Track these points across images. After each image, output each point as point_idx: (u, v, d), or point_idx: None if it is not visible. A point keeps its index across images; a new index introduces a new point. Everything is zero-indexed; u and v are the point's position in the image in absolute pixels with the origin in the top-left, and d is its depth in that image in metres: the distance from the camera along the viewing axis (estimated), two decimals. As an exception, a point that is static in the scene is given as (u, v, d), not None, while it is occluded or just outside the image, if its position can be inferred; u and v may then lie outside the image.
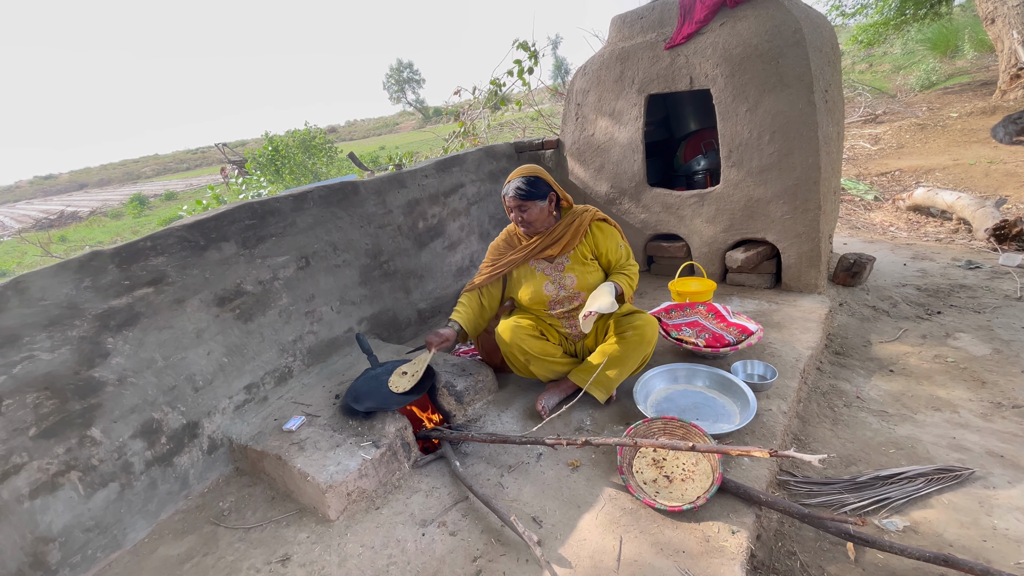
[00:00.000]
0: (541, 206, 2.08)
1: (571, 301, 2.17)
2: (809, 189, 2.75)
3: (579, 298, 2.16)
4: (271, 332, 2.26)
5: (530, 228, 2.13)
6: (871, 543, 1.49)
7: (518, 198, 2.05)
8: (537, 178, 2.08)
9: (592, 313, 1.94)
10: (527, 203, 2.06)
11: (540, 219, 2.10)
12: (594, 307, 1.95)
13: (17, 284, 1.59)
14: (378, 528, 1.73)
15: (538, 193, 2.06)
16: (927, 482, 1.77)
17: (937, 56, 13.31)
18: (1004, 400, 2.18)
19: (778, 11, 2.63)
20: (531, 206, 2.06)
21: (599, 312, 1.94)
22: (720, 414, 2.04)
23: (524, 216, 2.08)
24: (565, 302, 2.18)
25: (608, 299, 1.97)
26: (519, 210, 2.08)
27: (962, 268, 3.54)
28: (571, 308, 2.19)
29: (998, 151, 6.80)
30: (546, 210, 2.10)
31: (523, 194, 2.05)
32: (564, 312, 2.21)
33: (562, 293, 2.16)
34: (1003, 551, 1.53)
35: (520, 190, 2.05)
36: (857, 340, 2.75)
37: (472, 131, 6.81)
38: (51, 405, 1.65)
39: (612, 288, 2.05)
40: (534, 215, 2.08)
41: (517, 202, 2.06)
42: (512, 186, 2.07)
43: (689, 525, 1.58)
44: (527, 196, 2.05)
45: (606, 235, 2.19)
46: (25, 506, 1.61)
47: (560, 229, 2.15)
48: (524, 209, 2.07)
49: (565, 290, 2.16)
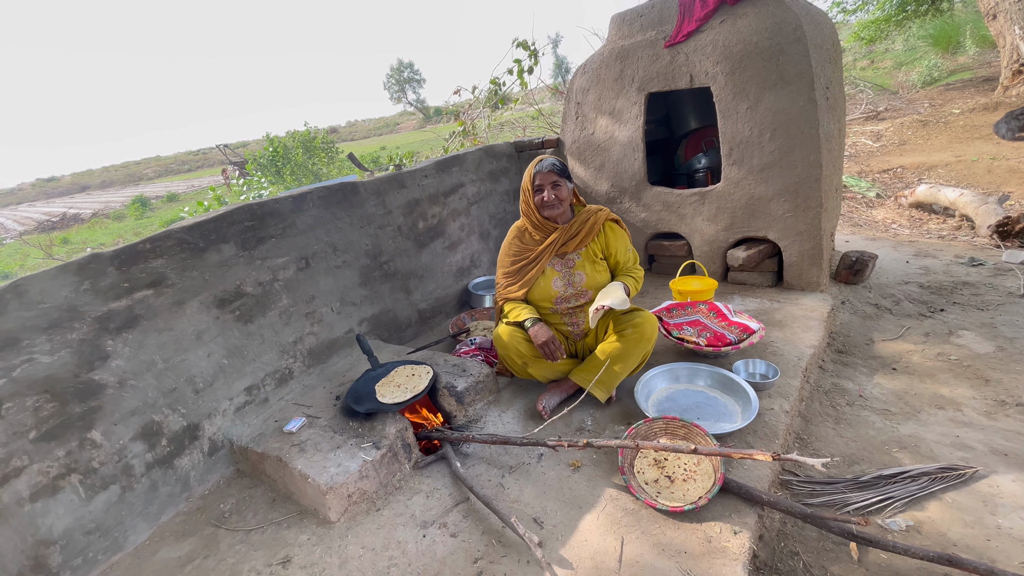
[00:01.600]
0: (570, 188, 2.11)
1: (578, 298, 2.17)
2: (810, 187, 2.74)
3: (586, 296, 2.16)
4: (271, 333, 2.26)
5: (556, 209, 2.09)
6: (874, 543, 1.49)
7: (554, 172, 2.04)
8: (564, 162, 2.12)
9: (603, 308, 1.97)
10: (562, 180, 2.06)
11: (567, 201, 2.11)
12: (606, 302, 1.98)
13: (16, 287, 1.59)
14: (379, 530, 1.72)
15: (567, 174, 2.09)
16: (931, 481, 1.76)
17: (939, 52, 13.23)
18: (1008, 398, 2.17)
19: (778, 8, 2.62)
20: (564, 184, 2.07)
21: (612, 307, 1.97)
22: (722, 413, 2.03)
23: (557, 193, 2.05)
24: (572, 299, 2.18)
25: (620, 296, 2.00)
26: (553, 187, 2.05)
27: (965, 265, 3.52)
28: (576, 305, 2.18)
29: (1001, 147, 6.76)
30: (572, 195, 2.13)
31: (559, 168, 2.05)
32: (569, 309, 2.20)
33: (570, 290, 2.16)
34: (1008, 550, 1.52)
35: (555, 165, 2.06)
36: (859, 338, 2.74)
37: (472, 131, 6.80)
38: (51, 408, 1.65)
39: (623, 287, 2.07)
40: (564, 194, 2.08)
41: (553, 177, 2.04)
42: (547, 162, 2.06)
43: (691, 526, 1.57)
44: (562, 172, 2.06)
45: (617, 236, 2.20)
46: (26, 509, 1.61)
47: (577, 224, 2.15)
48: (558, 185, 2.05)
49: (574, 287, 2.15)
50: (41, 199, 34.42)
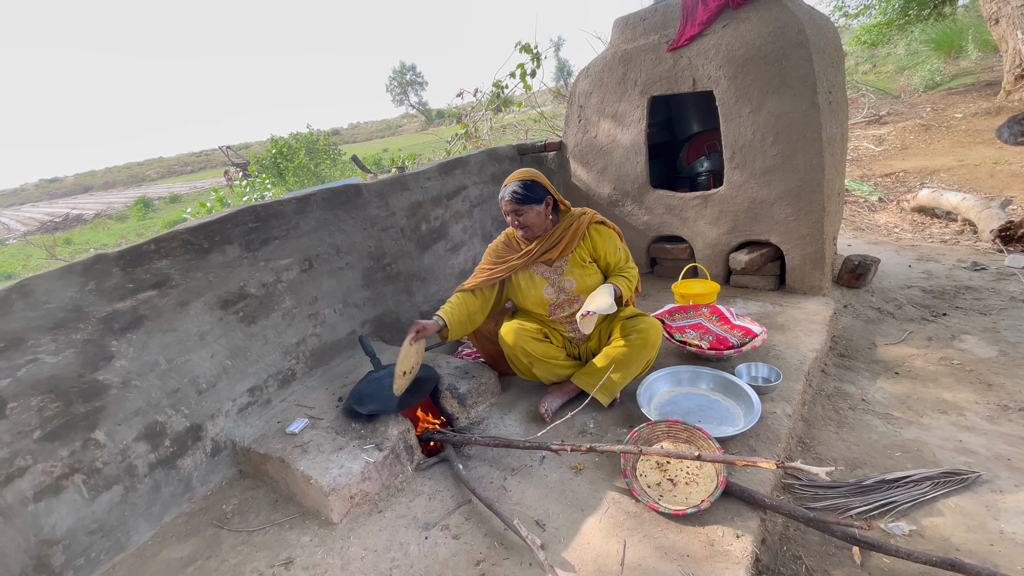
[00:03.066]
0: (538, 210, 2.08)
1: (571, 304, 2.17)
2: (813, 191, 2.74)
3: (579, 301, 2.16)
4: (274, 335, 2.27)
5: (527, 232, 2.13)
6: (877, 547, 1.48)
7: (514, 202, 2.06)
8: (533, 182, 2.08)
9: (591, 313, 1.93)
10: (523, 207, 2.06)
11: (537, 223, 2.10)
12: (592, 307, 1.95)
13: (22, 287, 1.59)
14: (381, 531, 1.72)
15: (534, 197, 2.07)
16: (933, 486, 1.76)
17: (941, 57, 13.24)
18: (1011, 403, 2.17)
19: (781, 12, 2.63)
20: (527, 210, 2.07)
21: (597, 312, 1.93)
22: (724, 417, 2.03)
23: (520, 220, 2.09)
24: (565, 306, 2.18)
25: (607, 300, 1.96)
26: (515, 214, 2.08)
27: (967, 269, 3.52)
28: (572, 312, 2.19)
29: (1003, 152, 6.76)
30: (543, 214, 2.10)
31: (519, 198, 2.05)
32: (565, 316, 2.20)
33: (562, 296, 2.16)
34: (1011, 555, 1.51)
35: (516, 194, 2.05)
36: (862, 342, 2.74)
37: (475, 133, 6.81)
38: (55, 408, 1.66)
39: (611, 289, 2.04)
40: (531, 219, 2.08)
41: (513, 206, 2.07)
42: (508, 190, 2.07)
43: (693, 529, 1.57)
44: (523, 200, 2.05)
45: (604, 237, 2.18)
46: (29, 509, 1.61)
47: (559, 232, 2.15)
48: (520, 213, 2.07)
49: (565, 293, 2.15)
50: (44, 200, 34.54)
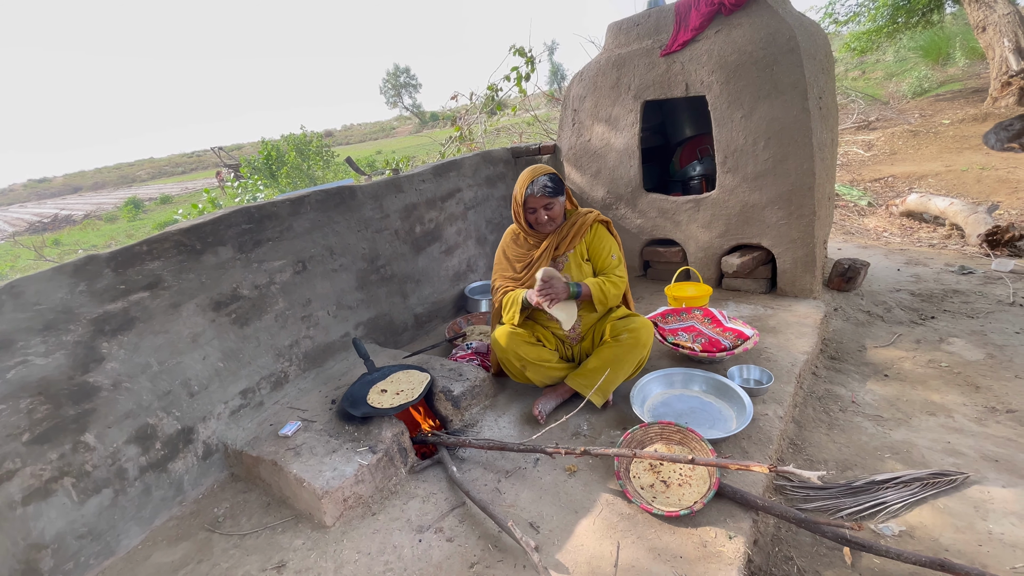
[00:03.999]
0: (562, 201, 2.14)
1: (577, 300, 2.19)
2: (804, 195, 2.77)
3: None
4: (267, 337, 2.26)
5: (552, 224, 2.15)
6: (867, 548, 1.50)
7: (547, 195, 2.07)
8: (556, 175, 2.13)
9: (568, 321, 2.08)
10: (555, 200, 2.10)
11: (561, 215, 2.16)
12: (556, 314, 2.05)
13: (12, 288, 1.58)
14: (375, 534, 1.72)
15: (560, 190, 2.12)
16: (922, 487, 1.78)
17: (929, 63, 13.44)
18: (998, 405, 2.20)
19: (772, 19, 2.66)
20: (556, 202, 2.11)
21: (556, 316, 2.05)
22: (716, 419, 2.04)
23: (550, 213, 2.11)
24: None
25: (570, 313, 2.06)
26: (547, 208, 2.10)
27: (955, 273, 3.57)
28: None
29: (990, 157, 6.86)
30: (564, 206, 2.17)
31: (551, 190, 2.07)
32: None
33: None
34: (999, 556, 1.53)
35: (548, 187, 2.07)
36: (852, 345, 2.77)
37: (469, 136, 6.82)
38: (45, 410, 1.64)
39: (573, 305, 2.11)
40: (557, 211, 2.12)
41: (547, 200, 2.08)
42: (540, 184, 2.08)
43: (686, 530, 1.58)
44: (555, 192, 2.09)
45: (600, 238, 2.22)
46: (18, 512, 1.59)
47: (566, 228, 2.19)
48: (551, 206, 2.10)
49: None
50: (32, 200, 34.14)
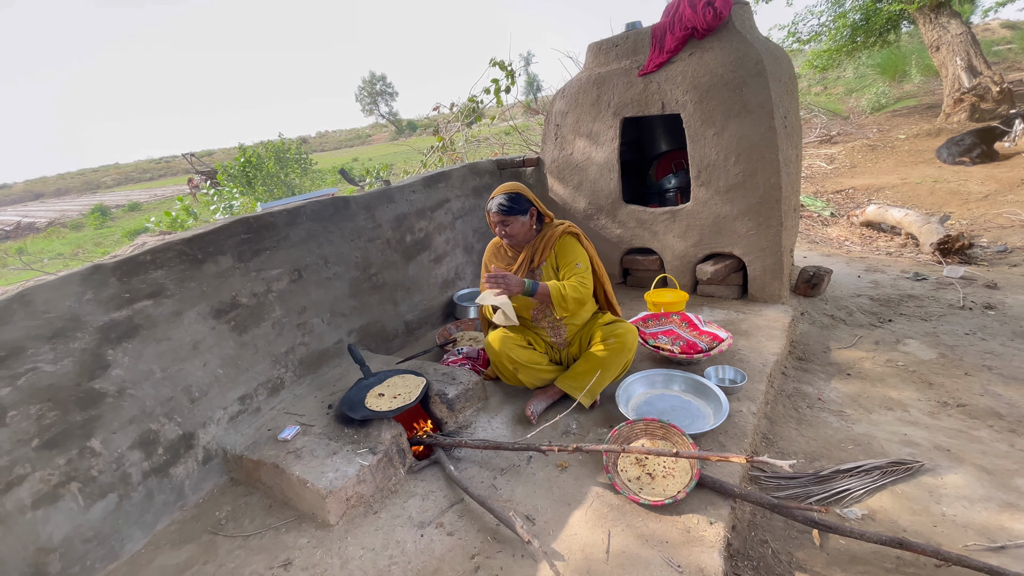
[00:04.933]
0: (523, 220, 2.23)
1: (551, 311, 2.31)
2: (772, 207, 2.97)
3: None
4: (264, 344, 2.32)
5: (512, 240, 2.28)
6: (834, 529, 1.65)
7: (500, 213, 2.21)
8: (518, 194, 2.23)
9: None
10: (509, 218, 2.21)
11: (521, 232, 2.25)
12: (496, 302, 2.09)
13: (22, 296, 1.62)
14: (377, 531, 1.80)
15: (519, 208, 2.21)
16: (882, 475, 1.95)
17: (887, 80, 14.18)
18: (949, 400, 2.40)
19: (741, 44, 2.86)
20: (513, 221, 2.21)
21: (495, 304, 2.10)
22: (696, 416, 2.19)
23: (507, 230, 2.24)
24: (547, 311, 2.32)
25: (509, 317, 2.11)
26: (502, 224, 2.23)
27: (910, 280, 3.83)
28: (552, 318, 2.33)
29: (942, 171, 7.31)
30: (527, 224, 2.25)
31: (505, 209, 2.20)
32: (547, 321, 2.35)
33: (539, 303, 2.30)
34: (951, 535, 1.70)
35: (502, 206, 2.20)
36: (817, 347, 2.96)
37: (451, 146, 6.94)
38: (53, 416, 1.68)
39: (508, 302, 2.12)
40: (516, 229, 2.23)
41: (500, 217, 2.21)
42: (495, 202, 2.22)
43: (671, 518, 1.70)
44: (509, 211, 2.20)
45: (567, 249, 2.30)
46: (27, 516, 1.62)
47: (539, 241, 2.32)
48: (507, 224, 2.22)
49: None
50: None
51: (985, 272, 3.88)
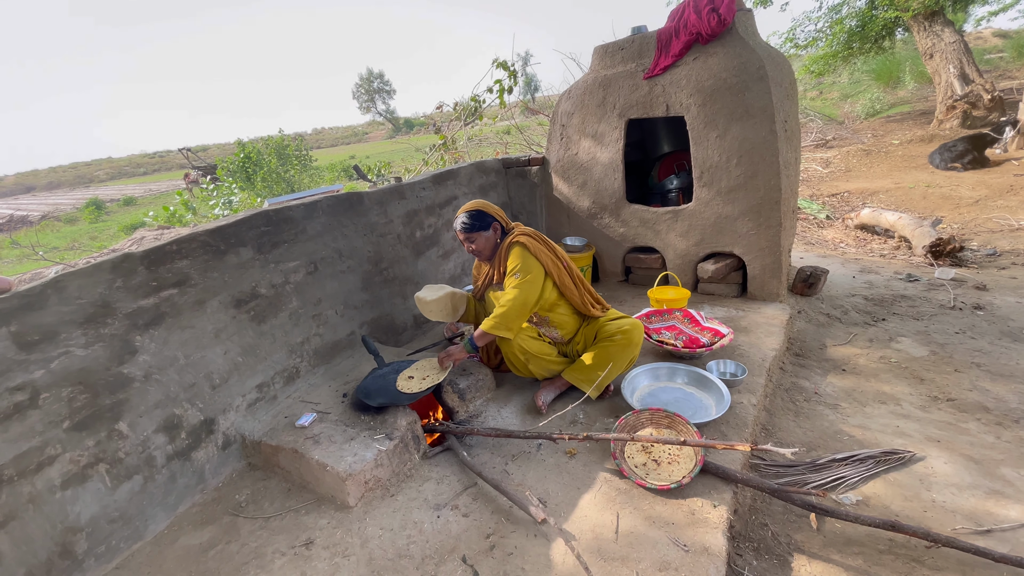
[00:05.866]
0: (486, 236, 2.34)
1: (535, 315, 2.42)
2: (771, 208, 3.06)
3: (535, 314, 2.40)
4: (282, 333, 2.38)
5: (480, 255, 2.41)
6: (831, 513, 1.74)
7: (463, 231, 2.34)
8: (480, 211, 2.34)
9: None
10: (472, 234, 2.33)
11: (487, 247, 2.37)
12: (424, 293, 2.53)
13: (57, 283, 1.68)
14: (395, 512, 1.87)
15: (481, 224, 2.33)
16: (876, 463, 2.05)
17: (881, 86, 14.38)
18: (940, 394, 2.50)
19: (744, 50, 2.95)
20: (476, 237, 2.34)
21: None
22: (698, 407, 2.28)
23: (472, 247, 2.37)
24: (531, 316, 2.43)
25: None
26: (468, 241, 2.36)
27: (903, 281, 3.94)
28: (536, 321, 2.45)
29: (935, 176, 7.46)
30: (492, 239, 2.36)
31: (467, 227, 2.32)
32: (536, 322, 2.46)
33: None
34: (941, 520, 1.79)
35: (464, 224, 2.33)
36: (814, 343, 3.06)
37: (452, 145, 7.01)
38: (84, 399, 1.74)
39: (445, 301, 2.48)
40: (480, 244, 2.35)
41: (464, 235, 2.35)
42: (458, 221, 2.35)
43: (676, 501, 1.79)
44: (470, 228, 2.32)
45: (511, 259, 2.26)
46: (57, 496, 1.68)
47: (499, 253, 2.38)
48: (472, 240, 2.35)
49: None
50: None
51: (975, 274, 4.01)
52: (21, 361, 1.60)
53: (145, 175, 37.48)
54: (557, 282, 2.31)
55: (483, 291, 2.55)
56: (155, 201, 19.14)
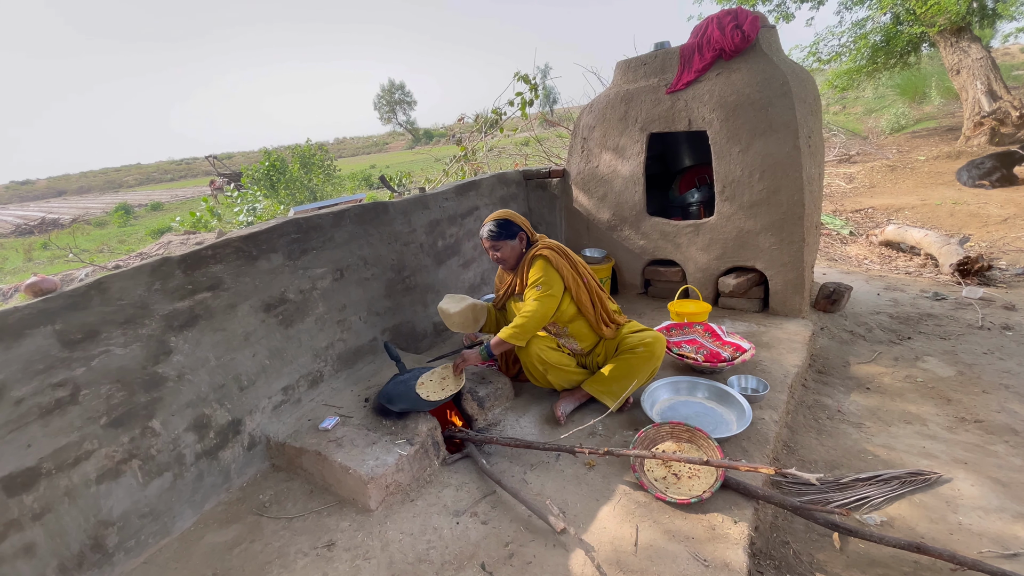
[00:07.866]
0: (512, 245, 2.38)
1: (554, 326, 2.44)
2: (794, 223, 3.05)
3: (554, 324, 2.42)
4: (307, 338, 2.44)
5: (504, 264, 2.44)
6: (854, 533, 1.72)
7: (490, 239, 2.38)
8: (507, 220, 2.39)
9: None
10: (498, 243, 2.37)
11: (512, 256, 2.40)
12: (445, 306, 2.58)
13: (100, 284, 1.75)
14: (415, 517, 1.90)
15: (507, 233, 2.37)
16: (901, 484, 2.01)
17: (906, 101, 14.20)
18: (967, 415, 2.46)
19: (768, 65, 2.96)
20: (502, 245, 2.37)
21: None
22: (719, 422, 2.27)
23: (498, 255, 2.40)
24: (549, 327, 2.45)
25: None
26: (493, 249, 2.40)
27: (929, 299, 3.88)
28: (556, 331, 2.46)
29: (962, 193, 7.32)
30: (517, 248, 2.40)
31: (494, 235, 2.36)
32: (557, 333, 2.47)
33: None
34: (967, 542, 1.76)
35: (491, 232, 2.36)
36: (837, 361, 3.03)
37: (472, 156, 7.10)
38: (120, 397, 1.80)
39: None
40: (506, 253, 2.39)
41: (490, 243, 2.38)
42: (485, 229, 2.38)
43: (696, 516, 1.78)
44: (497, 236, 2.36)
45: (533, 271, 2.29)
46: (91, 490, 1.74)
47: (522, 264, 2.41)
48: (497, 248, 2.38)
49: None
50: (15, 202, 33.63)
51: (1003, 294, 3.92)
52: (64, 359, 1.67)
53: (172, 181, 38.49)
54: (575, 298, 2.34)
55: (504, 300, 2.57)
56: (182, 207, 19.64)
